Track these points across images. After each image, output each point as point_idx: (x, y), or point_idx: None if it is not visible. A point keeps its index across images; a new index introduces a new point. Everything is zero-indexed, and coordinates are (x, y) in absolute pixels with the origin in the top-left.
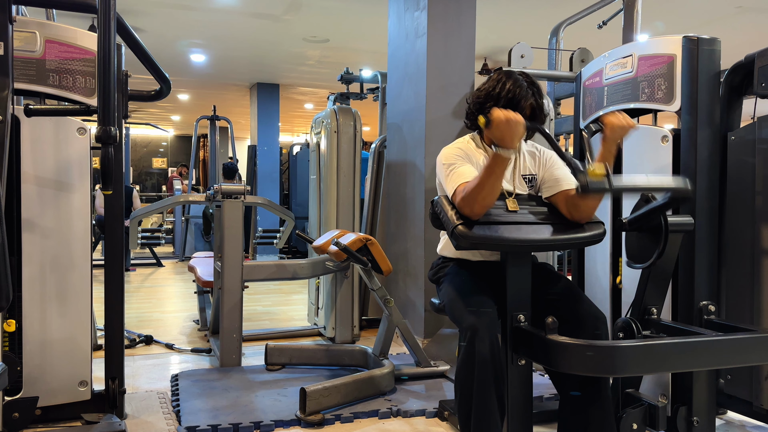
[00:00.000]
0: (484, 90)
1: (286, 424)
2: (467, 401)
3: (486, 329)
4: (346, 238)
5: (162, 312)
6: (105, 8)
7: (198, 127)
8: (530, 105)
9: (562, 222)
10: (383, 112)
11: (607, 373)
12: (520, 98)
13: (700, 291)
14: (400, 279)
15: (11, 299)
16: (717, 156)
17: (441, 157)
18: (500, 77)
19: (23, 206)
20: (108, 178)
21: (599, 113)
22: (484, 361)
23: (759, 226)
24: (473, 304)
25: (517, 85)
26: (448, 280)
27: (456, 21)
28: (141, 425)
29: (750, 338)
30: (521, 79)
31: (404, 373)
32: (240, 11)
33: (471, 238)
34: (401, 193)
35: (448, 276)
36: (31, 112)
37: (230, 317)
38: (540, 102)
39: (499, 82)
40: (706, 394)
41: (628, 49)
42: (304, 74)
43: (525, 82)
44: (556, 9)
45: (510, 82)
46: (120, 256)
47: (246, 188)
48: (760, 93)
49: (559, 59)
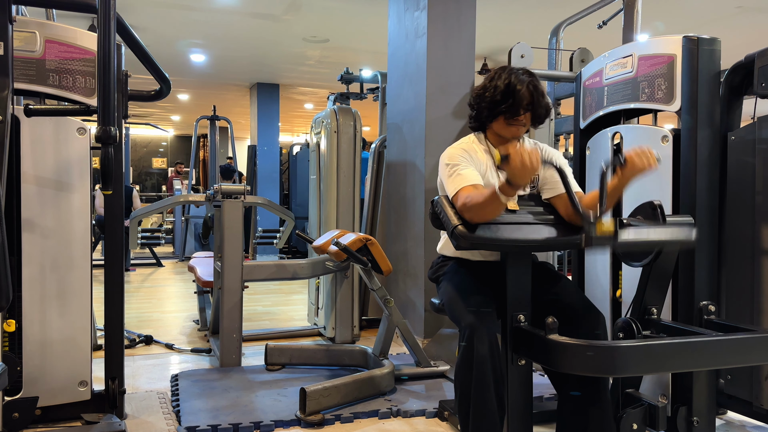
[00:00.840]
0: (481, 84)
1: (286, 424)
2: (466, 401)
3: (485, 329)
4: (346, 238)
5: (162, 312)
6: (105, 8)
7: (198, 127)
8: (528, 89)
9: (562, 222)
10: (383, 112)
11: (607, 373)
12: (516, 83)
13: (700, 291)
14: (400, 279)
15: (11, 299)
16: (717, 156)
17: (444, 156)
18: (497, 70)
19: (23, 206)
20: (108, 178)
21: (599, 113)
22: (482, 360)
23: (759, 226)
24: (472, 303)
25: (512, 72)
26: (447, 278)
27: (456, 21)
28: (141, 425)
29: (750, 338)
30: (517, 69)
31: (404, 373)
32: (240, 11)
33: (471, 239)
34: (401, 193)
35: (448, 275)
36: (31, 112)
37: (230, 317)
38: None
39: (496, 74)
40: (706, 394)
41: (628, 49)
42: (304, 74)
43: (521, 71)
44: (556, 9)
45: (505, 72)
46: (120, 256)
47: (246, 188)
48: (760, 93)
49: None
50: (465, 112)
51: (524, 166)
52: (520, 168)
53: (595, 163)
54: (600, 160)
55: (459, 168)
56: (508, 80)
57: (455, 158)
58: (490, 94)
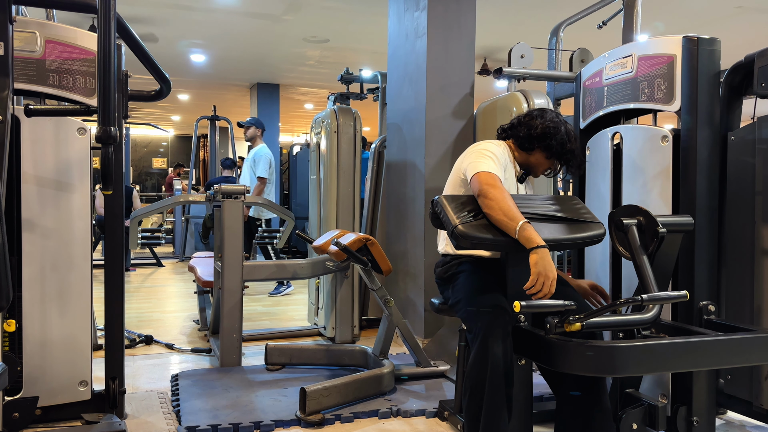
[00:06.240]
0: (555, 119)
1: (286, 424)
2: (477, 402)
3: (500, 329)
4: (346, 238)
5: (162, 312)
6: (105, 8)
7: (198, 127)
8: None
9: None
10: (383, 112)
11: (607, 373)
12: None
13: (700, 291)
14: (400, 279)
15: (11, 299)
16: (717, 156)
17: (482, 147)
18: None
19: (23, 206)
20: (108, 178)
21: (599, 113)
22: (497, 362)
23: (759, 226)
24: (489, 303)
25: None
26: (464, 277)
27: (456, 21)
28: (141, 425)
29: (750, 338)
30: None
31: (404, 373)
32: (240, 11)
33: (471, 238)
34: (401, 193)
35: (464, 273)
36: (31, 112)
37: (230, 317)
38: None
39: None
40: (706, 394)
41: (628, 49)
42: (304, 74)
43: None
44: (556, 9)
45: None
46: (120, 256)
47: (246, 188)
48: (760, 93)
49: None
50: (465, 112)
51: (536, 287)
52: (535, 283)
53: (595, 163)
54: (600, 160)
55: (493, 160)
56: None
57: (491, 154)
58: (561, 135)
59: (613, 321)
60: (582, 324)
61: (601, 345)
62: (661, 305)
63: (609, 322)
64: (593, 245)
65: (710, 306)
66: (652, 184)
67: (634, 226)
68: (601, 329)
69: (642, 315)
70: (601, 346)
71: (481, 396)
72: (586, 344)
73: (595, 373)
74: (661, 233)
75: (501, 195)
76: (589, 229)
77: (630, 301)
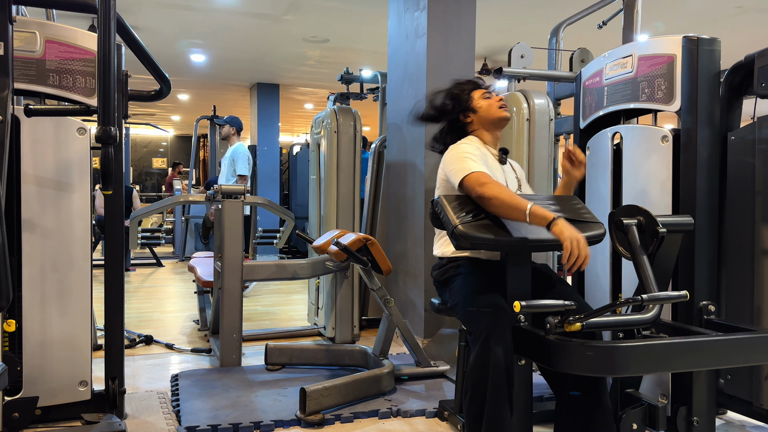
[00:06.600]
0: (437, 104)
1: (286, 424)
2: (479, 403)
3: (501, 329)
4: (346, 238)
5: (162, 312)
6: (105, 8)
7: (198, 127)
8: None
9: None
10: (383, 112)
11: (607, 373)
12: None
13: (700, 291)
14: (400, 279)
15: (11, 299)
16: (717, 156)
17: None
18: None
19: (23, 206)
20: (108, 178)
21: (599, 113)
22: (498, 362)
23: (759, 226)
24: (489, 305)
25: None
26: (461, 279)
27: (456, 21)
28: (141, 425)
29: (750, 338)
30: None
31: (404, 373)
32: (240, 11)
33: (471, 238)
34: (401, 193)
35: (462, 276)
36: (31, 112)
37: (230, 317)
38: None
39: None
40: (706, 394)
41: (628, 49)
42: (304, 74)
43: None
44: (556, 9)
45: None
46: (120, 256)
47: (246, 188)
48: (760, 93)
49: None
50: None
51: (574, 253)
52: (571, 249)
53: (595, 163)
54: (600, 160)
55: (473, 159)
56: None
57: (468, 154)
58: (457, 81)
59: (613, 321)
60: (582, 324)
61: (601, 345)
62: (661, 305)
63: (609, 322)
64: (593, 245)
65: (710, 306)
66: (652, 184)
67: (634, 226)
68: (601, 329)
69: (642, 315)
70: (601, 346)
71: (483, 396)
72: (586, 344)
73: (595, 373)
74: (661, 233)
75: (497, 189)
76: (589, 229)
77: (630, 301)
